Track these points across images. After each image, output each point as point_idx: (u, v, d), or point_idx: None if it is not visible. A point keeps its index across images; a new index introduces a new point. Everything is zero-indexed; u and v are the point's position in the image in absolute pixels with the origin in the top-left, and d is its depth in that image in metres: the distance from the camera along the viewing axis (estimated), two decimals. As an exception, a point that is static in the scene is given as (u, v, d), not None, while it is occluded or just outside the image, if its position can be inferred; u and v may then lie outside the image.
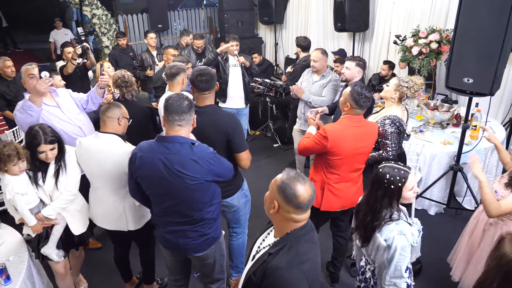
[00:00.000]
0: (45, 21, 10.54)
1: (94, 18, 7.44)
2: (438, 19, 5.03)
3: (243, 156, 2.56)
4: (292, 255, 1.51)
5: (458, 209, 3.95)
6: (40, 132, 2.43)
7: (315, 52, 4.08)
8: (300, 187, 1.52)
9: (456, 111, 4.31)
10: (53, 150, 2.47)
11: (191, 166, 2.05)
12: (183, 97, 2.13)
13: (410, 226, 1.98)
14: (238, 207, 2.81)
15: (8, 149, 2.34)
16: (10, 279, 2.22)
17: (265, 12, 7.47)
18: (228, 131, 2.47)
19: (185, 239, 2.25)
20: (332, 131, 2.57)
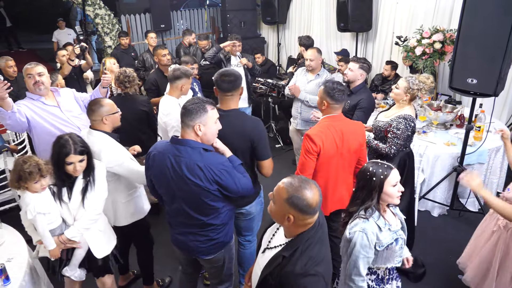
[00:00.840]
0: (48, 21, 10.57)
1: (97, 18, 7.44)
2: (442, 19, 5.00)
3: (266, 164, 2.49)
4: (306, 259, 1.54)
5: (462, 211, 3.92)
6: (70, 141, 2.22)
7: (310, 51, 4.06)
8: (309, 193, 1.53)
9: (460, 112, 4.28)
10: (82, 162, 2.26)
11: (195, 171, 2.02)
12: (196, 101, 2.09)
13: (379, 229, 1.94)
14: (254, 215, 2.76)
15: (29, 166, 2.14)
16: (9, 280, 2.21)
17: (268, 12, 7.45)
18: (253, 138, 2.40)
19: (194, 242, 2.24)
20: (316, 134, 2.53)
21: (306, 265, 1.53)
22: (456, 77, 3.25)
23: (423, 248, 3.42)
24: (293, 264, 1.54)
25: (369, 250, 1.91)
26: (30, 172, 2.14)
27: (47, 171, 2.20)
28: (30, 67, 3.03)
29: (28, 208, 2.19)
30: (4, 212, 3.82)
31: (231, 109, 2.48)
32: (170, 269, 3.30)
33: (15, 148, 4.07)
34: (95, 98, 3.24)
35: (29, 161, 2.17)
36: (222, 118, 2.32)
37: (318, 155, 2.55)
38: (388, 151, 2.90)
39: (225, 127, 2.30)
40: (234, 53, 4.93)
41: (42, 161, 2.22)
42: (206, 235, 2.21)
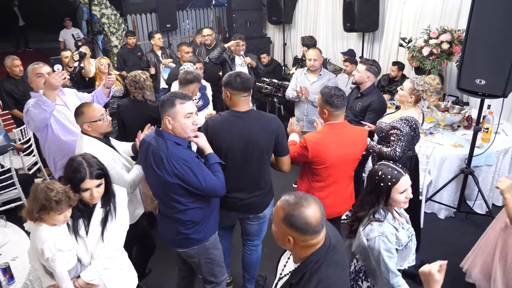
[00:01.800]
0: (55, 20, 10.63)
1: (103, 18, 7.46)
2: (450, 19, 4.95)
3: (287, 160, 2.53)
4: (315, 283, 1.41)
5: (469, 213, 3.87)
6: (84, 163, 1.94)
7: (314, 52, 4.02)
8: (307, 210, 1.38)
9: (468, 113, 4.23)
10: (100, 187, 1.98)
11: (159, 162, 2.09)
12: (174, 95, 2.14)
13: (396, 229, 1.94)
14: (267, 217, 2.74)
15: (57, 194, 1.79)
16: (13, 279, 2.21)
17: (274, 12, 7.43)
18: (278, 134, 2.44)
19: (169, 232, 2.32)
20: (312, 140, 2.51)
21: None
22: (464, 77, 3.21)
23: (430, 251, 3.38)
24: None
25: (393, 251, 1.90)
26: (58, 201, 1.79)
27: (75, 199, 1.88)
28: (38, 66, 3.03)
29: (46, 245, 1.83)
30: (10, 211, 3.83)
31: (249, 109, 2.46)
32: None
33: (21, 147, 4.09)
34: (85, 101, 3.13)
35: (55, 188, 1.81)
36: (244, 120, 2.36)
37: (316, 162, 2.53)
38: (392, 154, 2.86)
39: (250, 128, 2.36)
40: (238, 52, 4.92)
41: (67, 187, 1.87)
42: (177, 228, 2.26)
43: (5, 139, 4.51)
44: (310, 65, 4.00)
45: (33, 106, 2.86)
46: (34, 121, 2.90)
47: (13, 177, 3.70)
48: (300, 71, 4.23)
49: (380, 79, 5.58)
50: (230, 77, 2.40)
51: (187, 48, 4.55)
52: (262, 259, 3.11)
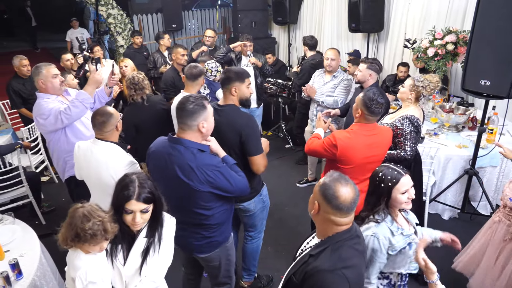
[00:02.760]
0: (62, 20, 10.73)
1: (109, 18, 7.52)
2: (455, 20, 4.94)
3: (256, 160, 2.49)
4: (335, 258, 1.51)
5: (473, 214, 3.87)
6: (135, 182, 1.75)
7: (332, 51, 4.05)
8: (342, 188, 1.53)
9: (472, 114, 4.22)
10: (145, 213, 1.77)
11: (187, 172, 2.04)
12: (193, 101, 2.10)
13: (391, 234, 1.92)
14: (254, 212, 2.78)
15: (93, 225, 1.60)
16: (22, 274, 2.25)
17: (279, 12, 7.44)
18: (242, 133, 2.43)
19: (189, 239, 2.27)
20: (343, 140, 2.51)
21: (335, 263, 1.48)
22: (469, 78, 3.22)
23: (432, 251, 3.37)
24: (320, 261, 1.51)
25: (380, 254, 1.89)
26: (93, 234, 1.61)
27: (113, 232, 1.67)
28: (51, 67, 3.04)
29: (78, 274, 1.68)
30: (17, 208, 3.89)
31: (227, 104, 2.53)
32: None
33: (29, 145, 4.14)
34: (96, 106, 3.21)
35: (92, 218, 1.62)
36: (218, 113, 2.42)
37: (342, 161, 2.54)
38: (403, 154, 2.84)
39: (220, 121, 2.40)
40: (245, 53, 4.94)
41: (108, 216, 1.68)
42: (200, 232, 2.24)
43: (13, 138, 4.56)
44: (328, 64, 4.04)
45: (73, 106, 2.91)
46: (70, 119, 2.92)
47: (20, 175, 3.75)
48: (318, 72, 4.29)
49: (385, 79, 5.59)
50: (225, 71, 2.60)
51: (183, 51, 4.44)
52: (269, 258, 3.15)
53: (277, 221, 3.98)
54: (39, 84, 3.03)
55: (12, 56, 4.65)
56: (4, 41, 13.16)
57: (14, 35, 13.49)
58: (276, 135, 6.14)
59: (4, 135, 4.49)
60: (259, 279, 3.16)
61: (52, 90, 3.02)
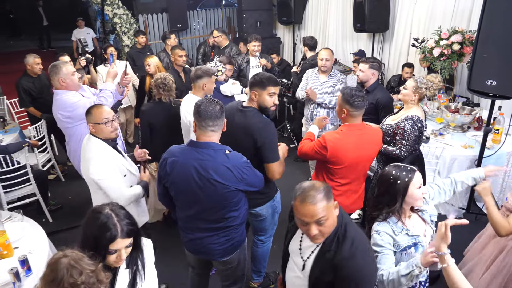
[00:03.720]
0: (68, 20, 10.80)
1: (115, 18, 7.56)
2: (461, 20, 4.93)
3: (272, 168, 2.44)
4: (350, 241, 1.60)
5: (478, 215, 3.86)
6: (113, 218, 1.54)
7: (326, 52, 4.01)
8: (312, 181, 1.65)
9: (478, 114, 4.22)
10: (129, 247, 1.60)
11: (225, 173, 2.04)
12: (215, 102, 2.12)
13: (393, 233, 1.93)
14: (266, 217, 2.77)
15: (87, 278, 1.29)
16: (31, 271, 2.28)
17: (284, 12, 7.46)
18: (257, 139, 2.38)
19: (212, 245, 2.25)
20: (332, 140, 2.51)
21: (351, 249, 1.58)
22: (474, 78, 3.22)
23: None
24: (339, 252, 1.58)
25: (383, 248, 1.88)
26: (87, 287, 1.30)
27: (107, 282, 1.38)
28: (68, 65, 3.14)
29: None
30: (25, 206, 3.92)
31: (249, 106, 2.53)
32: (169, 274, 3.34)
33: (36, 143, 4.17)
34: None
35: (83, 269, 1.30)
36: (237, 115, 2.47)
37: (333, 162, 2.55)
38: (398, 153, 2.88)
39: (240, 124, 2.42)
40: (254, 53, 4.96)
41: (99, 266, 1.37)
42: (225, 236, 2.23)
43: (20, 136, 4.60)
44: (322, 65, 4.01)
45: (107, 96, 3.13)
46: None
47: (28, 173, 3.79)
48: (311, 71, 4.24)
49: (390, 80, 5.58)
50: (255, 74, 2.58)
51: (181, 52, 4.43)
52: (272, 256, 3.15)
53: (284, 221, 3.98)
54: (59, 83, 3.06)
55: (18, 56, 4.70)
56: (11, 41, 13.28)
57: (21, 35, 13.57)
58: (281, 134, 6.15)
59: (11, 133, 4.53)
60: (267, 277, 3.19)
61: (72, 87, 3.09)
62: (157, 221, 3.90)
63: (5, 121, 4.82)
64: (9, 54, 11.32)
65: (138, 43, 6.28)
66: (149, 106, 3.50)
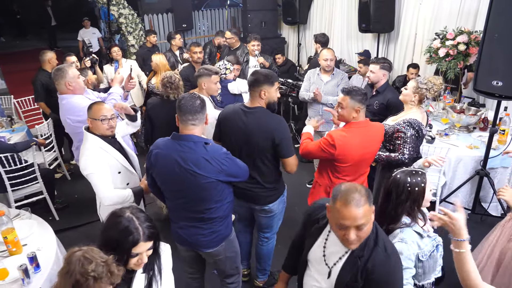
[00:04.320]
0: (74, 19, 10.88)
1: (121, 18, 7.60)
2: (467, 20, 4.92)
3: (290, 162, 2.55)
4: (382, 247, 1.58)
5: (484, 215, 3.86)
6: (135, 221, 1.54)
7: (329, 52, 4.02)
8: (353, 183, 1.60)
9: (484, 114, 4.21)
10: (150, 250, 1.60)
11: (204, 165, 2.10)
12: (195, 97, 2.20)
13: (420, 236, 1.89)
14: (276, 213, 2.81)
15: (97, 267, 1.31)
16: (39, 268, 2.31)
17: (289, 12, 7.47)
18: (275, 137, 2.46)
19: (196, 236, 2.30)
20: (340, 139, 2.51)
21: (386, 251, 1.57)
22: (480, 79, 3.21)
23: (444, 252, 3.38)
24: (374, 257, 1.55)
25: (408, 260, 1.83)
26: (97, 277, 1.31)
27: (118, 275, 1.38)
28: (73, 67, 3.10)
29: None
30: (32, 204, 3.95)
31: (255, 106, 2.54)
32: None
33: (43, 142, 4.21)
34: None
35: (94, 259, 1.34)
36: (247, 116, 2.48)
37: (339, 160, 2.56)
38: (400, 157, 2.83)
39: (249, 124, 2.44)
40: (253, 53, 4.97)
41: (111, 258, 1.39)
42: (209, 227, 2.28)
43: (28, 135, 4.64)
44: (326, 65, 4.02)
45: (116, 101, 3.12)
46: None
47: (35, 171, 3.83)
48: (313, 72, 4.24)
49: (395, 80, 5.58)
50: (252, 73, 2.61)
51: (196, 48, 4.55)
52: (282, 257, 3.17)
53: (288, 220, 3.98)
54: (66, 86, 3.01)
55: (25, 56, 4.76)
56: (17, 41, 13.40)
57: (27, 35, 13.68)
58: (285, 134, 6.16)
59: (19, 132, 4.57)
60: (272, 276, 3.20)
61: (79, 90, 3.05)
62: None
63: (12, 120, 4.86)
64: (15, 54, 11.43)
65: (149, 42, 6.35)
66: (153, 102, 3.57)
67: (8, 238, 2.40)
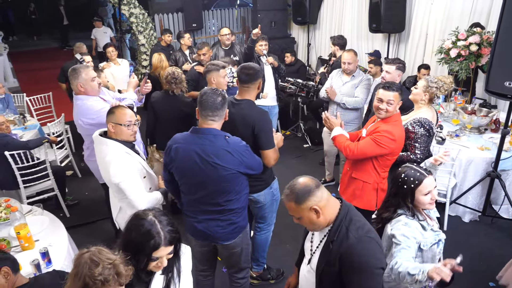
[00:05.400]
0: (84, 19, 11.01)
1: (131, 17, 7.67)
2: (479, 20, 4.86)
3: (267, 154, 2.58)
4: (354, 230, 1.63)
5: (494, 218, 3.81)
6: (157, 225, 1.52)
7: (348, 54, 4.02)
8: (297, 180, 1.68)
9: (495, 116, 4.16)
10: (171, 254, 1.59)
11: (225, 157, 2.15)
12: (217, 93, 2.23)
13: (423, 228, 1.95)
14: (264, 204, 2.86)
15: (103, 270, 1.32)
16: (51, 263, 2.35)
17: (299, 12, 7.46)
18: (255, 126, 2.53)
19: (215, 228, 2.33)
20: (397, 133, 2.60)
21: (357, 235, 1.61)
22: (493, 80, 3.18)
23: (452, 253, 3.34)
24: (345, 239, 1.62)
25: (408, 241, 1.88)
26: (104, 280, 1.31)
27: (127, 275, 1.38)
28: (89, 70, 3.03)
29: None
30: (43, 201, 4.02)
31: (243, 98, 2.64)
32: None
33: (55, 139, 4.27)
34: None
35: (101, 261, 1.33)
36: (234, 106, 2.56)
37: (395, 152, 2.66)
38: (413, 157, 2.83)
39: (234, 114, 2.52)
40: (261, 52, 4.98)
41: (119, 258, 1.39)
42: (228, 219, 2.32)
43: (40, 132, 4.71)
44: (345, 68, 4.05)
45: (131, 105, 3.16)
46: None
47: (47, 168, 3.88)
48: (336, 71, 4.27)
49: (405, 81, 5.54)
50: (239, 67, 2.70)
51: (202, 50, 4.54)
52: (288, 255, 3.18)
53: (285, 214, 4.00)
54: (78, 88, 2.98)
55: (38, 55, 4.86)
56: (30, 40, 13.59)
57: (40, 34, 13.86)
58: (294, 134, 6.16)
59: (31, 129, 4.64)
60: (268, 271, 3.23)
61: (92, 92, 3.02)
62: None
63: (24, 118, 4.93)
64: (28, 53, 11.60)
65: (164, 41, 6.44)
66: (158, 96, 3.65)
67: (21, 234, 2.44)
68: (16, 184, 3.76)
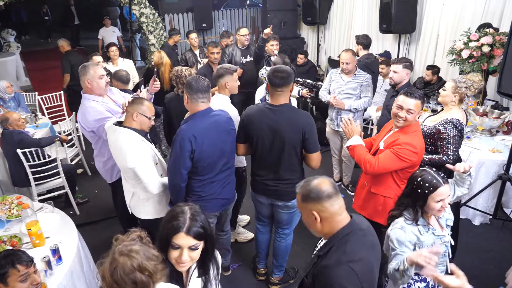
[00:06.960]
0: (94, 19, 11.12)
1: (142, 17, 7.72)
2: (491, 21, 4.81)
3: (315, 157, 2.63)
4: (340, 253, 1.52)
5: (506, 221, 3.77)
6: (187, 213, 1.54)
7: (346, 54, 3.96)
8: (314, 181, 1.59)
9: (507, 118, 4.11)
10: (194, 251, 1.53)
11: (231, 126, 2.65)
12: (203, 79, 2.50)
13: (419, 232, 1.96)
14: (296, 209, 2.81)
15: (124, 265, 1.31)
16: (61, 260, 2.37)
17: (309, 12, 7.45)
18: (305, 130, 2.55)
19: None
20: (418, 145, 2.43)
21: (339, 259, 1.50)
22: (505, 81, 3.15)
23: (463, 257, 3.32)
24: (326, 259, 1.54)
25: (402, 246, 1.91)
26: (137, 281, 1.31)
27: (162, 274, 1.39)
28: (98, 67, 3.04)
29: None
30: (53, 198, 4.06)
31: (281, 104, 2.60)
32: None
33: (66, 138, 4.31)
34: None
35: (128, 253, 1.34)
36: (274, 113, 2.54)
37: (415, 165, 2.50)
38: (445, 159, 2.77)
39: (278, 121, 2.53)
40: (272, 52, 4.97)
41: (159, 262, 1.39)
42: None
43: (51, 131, 4.76)
44: (343, 68, 4.01)
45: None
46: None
47: (58, 166, 3.93)
48: (334, 71, 4.21)
49: (416, 82, 5.50)
50: (271, 70, 2.64)
51: (213, 49, 4.58)
52: (297, 256, 3.16)
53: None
54: (85, 84, 3.01)
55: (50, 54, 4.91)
56: (41, 39, 13.76)
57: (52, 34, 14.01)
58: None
59: (42, 128, 4.69)
60: (287, 273, 3.22)
61: (98, 90, 3.02)
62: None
63: (36, 116, 5.00)
64: (40, 52, 11.74)
65: (174, 41, 6.48)
66: (170, 96, 3.70)
67: (32, 230, 2.47)
68: (27, 181, 3.81)
